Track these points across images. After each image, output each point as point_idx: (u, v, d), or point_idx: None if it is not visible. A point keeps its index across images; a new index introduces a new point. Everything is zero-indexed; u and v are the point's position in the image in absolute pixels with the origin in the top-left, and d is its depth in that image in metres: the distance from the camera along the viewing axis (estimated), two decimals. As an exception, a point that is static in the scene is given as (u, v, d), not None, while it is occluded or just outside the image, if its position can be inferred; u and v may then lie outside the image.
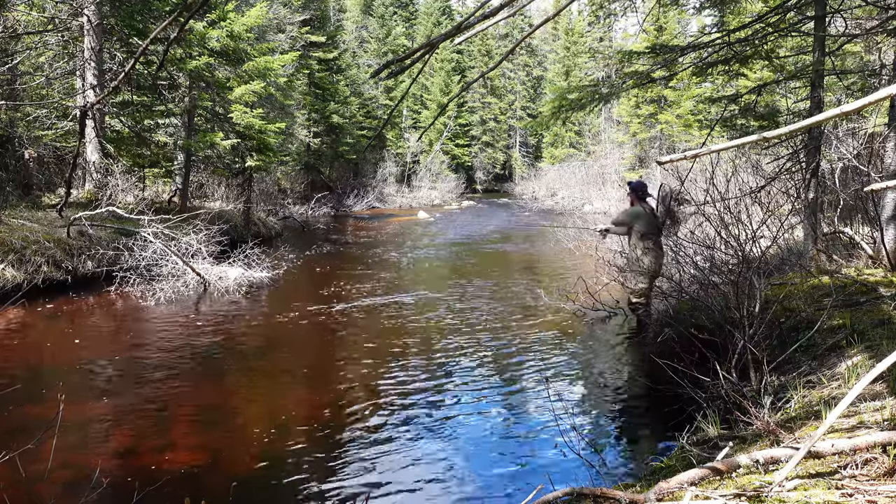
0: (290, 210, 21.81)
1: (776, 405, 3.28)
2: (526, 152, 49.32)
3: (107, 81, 12.27)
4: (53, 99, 13.15)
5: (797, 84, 9.12)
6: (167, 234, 9.55)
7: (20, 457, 2.88)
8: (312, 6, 26.07)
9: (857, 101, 1.56)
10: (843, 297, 4.61)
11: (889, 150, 6.08)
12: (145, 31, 12.04)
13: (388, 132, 35.14)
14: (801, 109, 9.35)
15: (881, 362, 1.70)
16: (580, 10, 42.86)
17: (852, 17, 8.17)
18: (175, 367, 5.80)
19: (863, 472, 2.10)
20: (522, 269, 12.43)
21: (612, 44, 37.69)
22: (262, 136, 13.92)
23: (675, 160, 1.81)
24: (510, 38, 50.55)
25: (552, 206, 29.40)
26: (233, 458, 4.01)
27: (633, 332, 6.90)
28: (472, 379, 5.59)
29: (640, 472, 3.23)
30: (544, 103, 40.14)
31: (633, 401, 5.11)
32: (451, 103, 37.51)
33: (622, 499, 2.13)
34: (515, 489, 3.59)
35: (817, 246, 6.58)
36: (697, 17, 28.78)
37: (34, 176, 12.71)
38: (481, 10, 2.42)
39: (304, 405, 4.99)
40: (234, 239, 12.67)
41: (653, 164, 26.29)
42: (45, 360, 5.96)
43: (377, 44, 41.29)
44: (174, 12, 4.01)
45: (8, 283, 7.92)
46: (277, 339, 6.91)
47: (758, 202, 6.18)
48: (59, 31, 12.65)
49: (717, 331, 4.08)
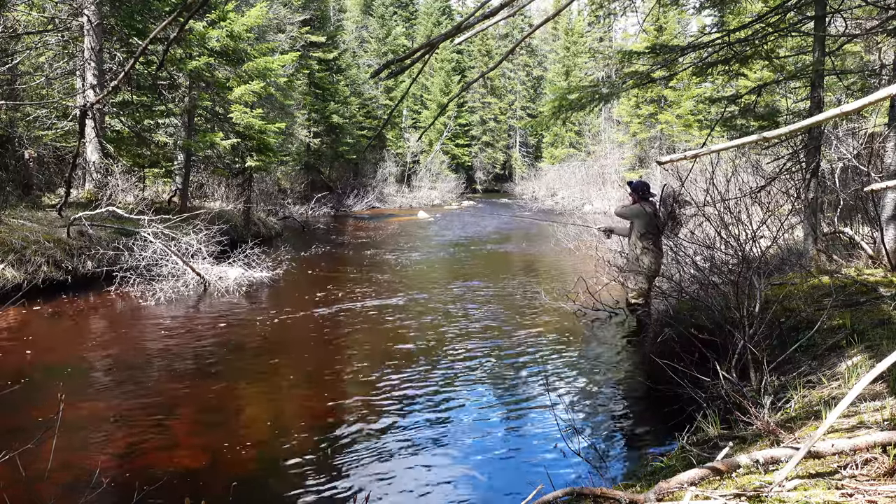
0: (290, 210, 21.82)
1: (776, 405, 3.28)
2: (526, 152, 49.32)
3: (107, 81, 12.27)
4: (53, 99, 13.15)
5: (797, 84, 9.12)
6: (167, 234, 9.55)
7: (20, 457, 2.88)
8: (312, 6, 26.08)
9: (857, 101, 1.56)
10: (843, 297, 4.61)
11: (889, 150, 6.08)
12: (145, 31, 12.03)
13: (388, 132, 35.15)
14: (801, 109, 9.35)
15: (881, 362, 1.70)
16: (580, 10, 42.87)
17: (852, 17, 8.17)
18: (175, 367, 5.81)
19: (863, 472, 2.10)
20: (522, 270, 12.44)
21: (612, 44, 37.72)
22: (261, 136, 13.92)
23: (675, 160, 1.81)
24: (510, 38, 50.54)
25: (552, 206, 29.41)
26: (233, 458, 4.01)
27: (633, 333, 6.89)
28: (472, 379, 5.59)
29: (640, 472, 3.22)
30: (544, 103, 40.16)
31: (633, 401, 5.11)
32: (451, 103, 37.51)
33: (622, 499, 2.13)
34: (515, 489, 3.59)
35: (817, 246, 6.58)
36: (697, 17, 28.79)
37: (34, 176, 12.71)
38: (481, 10, 2.42)
39: (304, 405, 4.99)
40: (234, 239, 12.68)
41: (653, 164, 26.30)
42: (45, 360, 5.96)
43: (377, 44, 41.30)
44: (174, 12, 4.00)
45: (8, 283, 7.92)
46: (277, 339, 6.91)
47: (758, 202, 6.18)
48: (59, 31, 12.65)
49: (717, 331, 4.08)
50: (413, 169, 38.17)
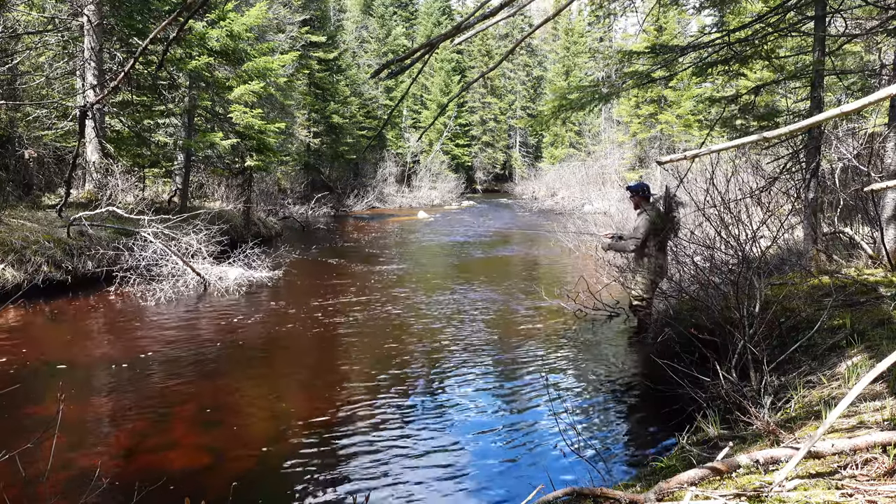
0: (290, 210, 21.82)
1: (776, 405, 3.28)
2: (526, 152, 49.32)
3: (107, 81, 12.27)
4: (53, 99, 13.15)
5: (797, 84, 9.12)
6: (167, 234, 9.55)
7: (20, 457, 2.88)
8: (312, 6, 26.08)
9: (857, 101, 1.56)
10: (843, 297, 4.61)
11: (889, 150, 6.08)
12: (145, 30, 12.03)
13: (388, 132, 35.15)
14: (801, 109, 9.35)
15: (881, 362, 1.70)
16: (580, 10, 42.88)
17: (852, 17, 8.16)
18: (175, 367, 5.80)
19: (863, 472, 2.10)
20: (523, 270, 12.44)
21: (612, 44, 37.72)
22: (261, 136, 13.92)
23: (675, 160, 1.81)
24: (510, 38, 50.52)
25: (552, 206, 29.40)
26: (233, 458, 4.01)
27: (633, 333, 6.89)
28: (472, 379, 5.59)
29: (640, 472, 3.22)
30: (544, 103, 40.16)
31: (633, 401, 5.11)
32: (451, 103, 37.51)
33: (622, 499, 2.13)
34: (515, 489, 3.59)
35: (817, 246, 6.58)
36: (697, 17, 28.79)
37: (34, 176, 12.71)
38: (481, 10, 2.42)
39: (304, 405, 4.99)
40: (234, 239, 12.68)
41: (653, 164, 26.30)
42: (45, 360, 5.96)
43: (377, 44, 41.30)
44: (174, 12, 4.00)
45: (8, 283, 7.92)
46: (277, 339, 6.91)
47: (758, 202, 6.18)
48: (59, 31, 12.64)
49: (717, 331, 4.08)
50: (413, 169, 38.16)
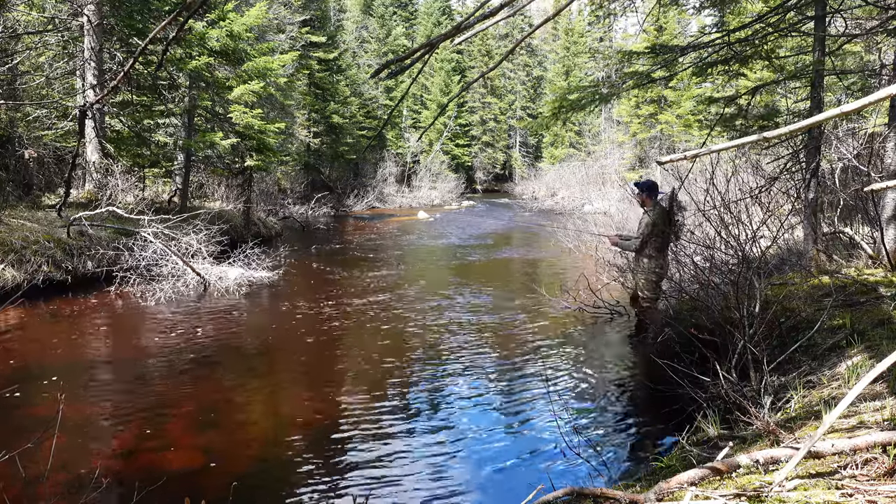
0: (290, 210, 21.81)
1: (776, 405, 3.28)
2: (526, 152, 49.30)
3: (107, 81, 12.26)
4: (53, 99, 13.15)
5: (797, 84, 9.12)
6: (167, 234, 9.55)
7: (20, 457, 2.88)
8: (312, 6, 26.07)
9: (857, 101, 1.56)
10: (843, 297, 4.61)
11: (889, 150, 6.08)
12: (145, 30, 12.03)
13: (388, 132, 35.14)
14: (801, 109, 9.35)
15: (881, 362, 1.70)
16: (580, 10, 42.87)
17: (852, 17, 8.16)
18: (175, 367, 5.80)
19: (863, 472, 2.09)
20: (523, 270, 12.43)
21: (612, 44, 37.72)
22: (261, 136, 13.92)
23: (675, 160, 1.81)
24: (510, 38, 50.50)
25: (552, 206, 29.38)
26: (233, 458, 4.01)
27: (633, 332, 6.89)
28: (472, 379, 5.59)
29: (640, 472, 3.23)
30: (544, 103, 40.17)
31: (633, 401, 5.11)
32: (451, 103, 37.52)
33: (622, 499, 2.13)
34: (515, 489, 3.59)
35: (817, 246, 6.57)
36: (697, 17, 28.79)
37: (34, 176, 12.71)
38: (481, 10, 2.42)
39: (304, 405, 4.99)
40: (233, 239, 12.68)
41: (653, 164, 26.31)
42: (44, 360, 5.96)
43: (377, 44, 41.28)
44: (174, 12, 4.00)
45: (8, 283, 7.92)
46: (277, 339, 6.91)
47: (758, 202, 6.17)
48: (59, 31, 12.64)
49: (717, 331, 4.08)
50: (413, 169, 38.15)
